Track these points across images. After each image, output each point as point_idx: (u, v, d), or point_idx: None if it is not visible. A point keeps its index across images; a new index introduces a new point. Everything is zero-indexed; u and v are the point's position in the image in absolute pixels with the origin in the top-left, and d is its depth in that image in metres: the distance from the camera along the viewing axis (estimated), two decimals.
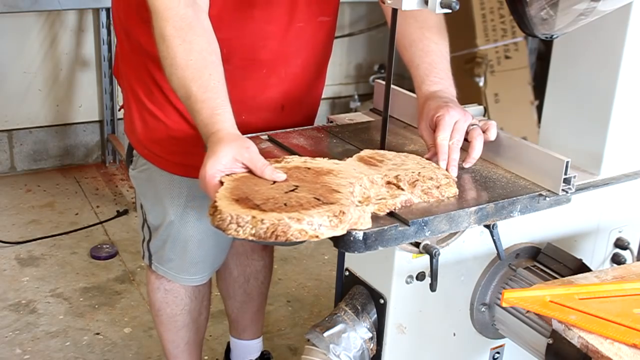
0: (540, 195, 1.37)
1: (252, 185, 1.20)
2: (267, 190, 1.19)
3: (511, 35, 3.89)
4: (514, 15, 1.38)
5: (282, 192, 1.18)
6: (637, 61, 1.50)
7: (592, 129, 1.56)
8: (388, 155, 1.39)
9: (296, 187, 1.21)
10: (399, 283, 1.40)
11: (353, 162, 1.35)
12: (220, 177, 1.22)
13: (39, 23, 3.63)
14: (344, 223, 1.13)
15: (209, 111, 1.30)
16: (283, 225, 1.10)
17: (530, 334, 1.41)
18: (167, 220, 1.76)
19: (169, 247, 1.79)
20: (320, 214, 1.12)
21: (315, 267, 3.07)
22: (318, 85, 1.79)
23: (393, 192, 1.26)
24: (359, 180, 1.26)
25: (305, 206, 1.14)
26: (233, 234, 1.13)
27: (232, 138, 1.26)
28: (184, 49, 1.33)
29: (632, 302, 1.23)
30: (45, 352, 2.47)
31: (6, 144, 3.77)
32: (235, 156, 1.23)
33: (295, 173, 1.26)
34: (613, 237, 1.66)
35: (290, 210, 1.12)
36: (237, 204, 1.14)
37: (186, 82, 1.32)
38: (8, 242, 3.11)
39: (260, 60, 1.61)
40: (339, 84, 4.41)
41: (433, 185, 1.29)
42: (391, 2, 1.31)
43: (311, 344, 1.44)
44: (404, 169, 1.32)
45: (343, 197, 1.18)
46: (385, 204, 1.22)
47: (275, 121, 1.66)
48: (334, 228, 1.12)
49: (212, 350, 2.49)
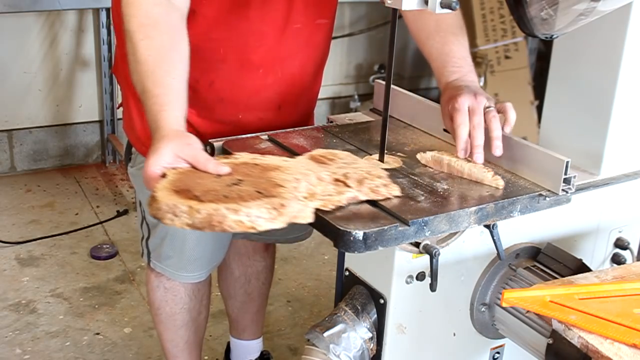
0: (540, 195, 1.37)
1: (196, 178, 1.21)
2: (210, 183, 1.20)
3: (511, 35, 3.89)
4: (514, 16, 1.38)
5: (224, 185, 1.19)
6: (637, 61, 1.50)
7: (592, 129, 1.56)
8: (340, 155, 1.41)
9: (240, 181, 1.22)
10: (399, 283, 1.40)
11: (303, 160, 1.36)
12: (165, 171, 1.22)
13: (39, 23, 3.63)
14: (283, 216, 1.14)
15: (157, 107, 1.30)
16: (219, 215, 1.11)
17: (530, 334, 1.41)
18: None
19: (167, 244, 1.79)
20: (258, 205, 1.13)
21: (315, 267, 3.07)
22: (315, 85, 1.80)
23: (340, 189, 1.26)
24: (306, 176, 1.26)
25: (245, 198, 1.15)
26: (169, 224, 1.13)
27: (174, 135, 1.26)
28: (144, 45, 1.34)
29: (632, 302, 1.23)
30: (45, 352, 2.47)
31: (6, 144, 3.77)
32: (176, 152, 1.24)
33: (243, 168, 1.27)
34: (613, 237, 1.66)
35: (229, 201, 1.13)
36: (176, 195, 1.15)
37: (142, 77, 1.33)
38: (8, 242, 3.11)
39: (256, 60, 1.61)
40: (339, 84, 4.41)
41: (381, 184, 1.29)
42: (391, 2, 1.31)
43: (311, 344, 1.44)
44: (353, 168, 1.33)
45: (286, 192, 1.19)
46: (331, 200, 1.23)
47: (272, 120, 1.66)
48: (271, 220, 1.13)
49: (212, 350, 2.49)
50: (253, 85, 1.63)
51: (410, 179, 1.39)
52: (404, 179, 1.39)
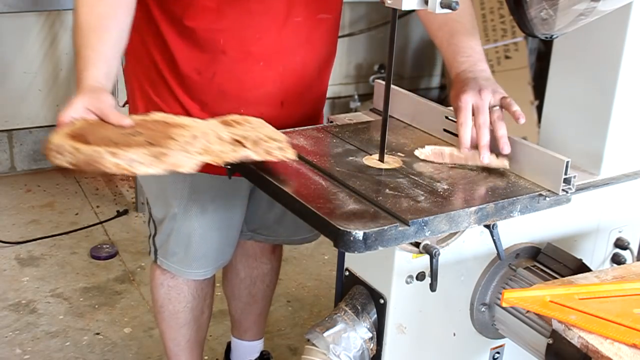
0: (540, 195, 1.37)
1: (100, 128, 1.30)
2: (109, 133, 1.28)
3: (511, 35, 3.89)
4: (514, 16, 1.38)
5: (120, 135, 1.27)
6: (637, 61, 1.50)
7: (592, 129, 1.56)
8: (251, 121, 1.44)
9: (139, 133, 1.29)
10: (399, 283, 1.40)
11: (213, 122, 1.41)
12: (74, 120, 1.31)
13: (39, 23, 3.63)
14: (163, 164, 1.22)
15: (82, 67, 1.40)
16: (99, 156, 1.19)
17: (530, 334, 1.41)
18: (171, 212, 1.77)
19: (173, 241, 1.80)
20: (138, 151, 1.21)
21: (315, 267, 3.07)
22: (320, 84, 1.79)
23: (235, 149, 1.32)
24: (206, 135, 1.32)
25: (131, 145, 1.22)
26: (54, 162, 1.22)
27: (88, 89, 1.36)
28: (84, 11, 1.45)
29: (632, 302, 1.23)
30: (45, 352, 2.47)
31: (6, 144, 3.77)
32: (86, 105, 1.33)
33: (150, 124, 1.34)
34: (613, 237, 1.66)
35: (114, 146, 1.21)
36: (69, 139, 1.23)
37: (77, 40, 1.44)
38: (8, 242, 3.11)
39: (256, 53, 1.61)
40: (339, 84, 4.41)
41: (277, 147, 1.35)
42: (391, 2, 1.31)
43: (311, 344, 1.44)
44: (257, 132, 1.38)
45: (175, 144, 1.25)
46: (222, 156, 1.30)
47: (275, 117, 1.66)
48: (149, 166, 1.21)
49: (212, 350, 2.49)
50: (254, 79, 1.64)
51: (410, 179, 1.39)
52: (404, 179, 1.39)
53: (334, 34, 1.76)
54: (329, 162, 1.45)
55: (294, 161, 1.44)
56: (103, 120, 1.33)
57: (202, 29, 1.58)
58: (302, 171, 1.41)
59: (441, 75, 4.72)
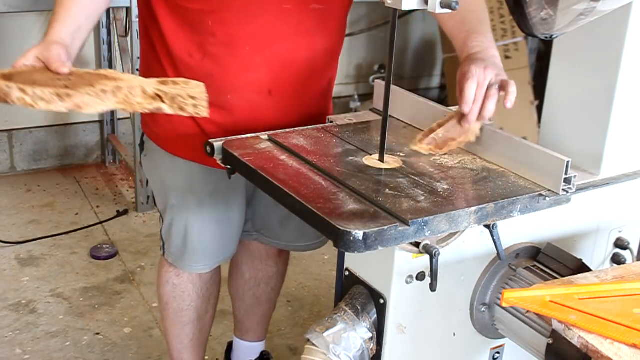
0: (540, 195, 1.37)
1: (37, 73, 1.41)
2: (40, 77, 1.39)
3: (511, 35, 3.89)
4: (514, 15, 1.38)
5: (47, 79, 1.38)
6: (637, 61, 1.50)
7: (592, 129, 1.56)
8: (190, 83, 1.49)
9: (69, 80, 1.39)
10: (399, 283, 1.40)
11: (151, 80, 1.46)
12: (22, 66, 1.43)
13: (39, 23, 3.63)
14: (65, 102, 1.33)
15: (52, 23, 1.53)
16: (8, 91, 1.32)
17: (530, 334, 1.41)
18: (169, 203, 1.80)
19: (174, 232, 1.82)
20: (45, 90, 1.32)
21: (315, 267, 3.07)
22: (318, 78, 1.76)
23: (152, 101, 1.41)
24: (133, 89, 1.40)
25: (46, 86, 1.33)
26: None
27: (45, 42, 1.48)
28: None
29: (632, 302, 1.23)
30: (45, 352, 2.47)
31: (6, 144, 3.77)
32: (36, 54, 1.44)
33: (87, 76, 1.44)
34: (613, 237, 1.66)
35: (27, 85, 1.33)
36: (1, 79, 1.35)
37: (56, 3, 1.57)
38: (8, 242, 3.11)
39: (243, 37, 1.62)
40: (339, 84, 4.41)
41: (191, 104, 1.42)
42: (391, 2, 1.31)
43: (311, 344, 1.44)
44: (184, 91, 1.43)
45: (89, 90, 1.35)
46: (135, 106, 1.39)
47: (263, 106, 1.67)
48: (50, 102, 1.32)
49: (213, 350, 2.49)
50: (240, 63, 1.64)
51: (410, 179, 1.39)
52: (404, 179, 1.39)
53: (332, 27, 1.74)
54: (329, 162, 1.45)
55: (294, 161, 1.44)
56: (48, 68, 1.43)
57: (193, 10, 1.61)
58: (302, 171, 1.41)
59: (441, 75, 4.72)
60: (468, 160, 1.50)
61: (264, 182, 1.38)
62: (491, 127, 1.52)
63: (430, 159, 1.49)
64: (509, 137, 1.46)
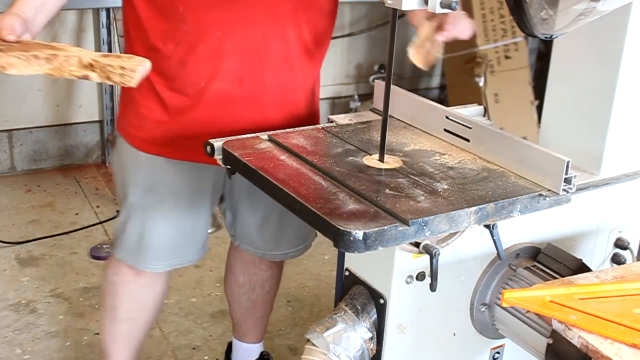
0: (540, 195, 1.37)
1: None
2: None
3: (511, 35, 3.89)
4: (514, 16, 1.38)
5: None
6: (637, 61, 1.50)
7: (592, 129, 1.56)
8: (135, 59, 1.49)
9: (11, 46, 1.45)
10: (399, 283, 1.40)
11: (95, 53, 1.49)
12: None
13: None
14: None
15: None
16: None
17: (530, 334, 1.41)
18: (128, 201, 1.80)
19: (128, 230, 1.81)
20: None
21: (315, 267, 3.07)
22: (294, 76, 1.73)
23: (82, 70, 1.46)
24: (70, 58, 1.45)
25: None
26: None
27: (5, 13, 1.52)
28: None
29: (632, 302, 1.23)
30: (45, 352, 2.47)
31: (6, 144, 3.77)
32: None
33: (34, 45, 1.48)
34: (613, 237, 1.66)
35: None
36: None
37: None
38: (8, 242, 3.11)
39: (213, 22, 1.61)
40: (339, 84, 4.41)
41: (119, 74, 1.44)
42: (391, 2, 1.31)
43: (311, 344, 1.44)
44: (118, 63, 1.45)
45: (22, 54, 1.41)
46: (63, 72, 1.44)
47: (236, 95, 1.66)
48: None
49: (212, 350, 2.49)
50: (211, 49, 1.63)
51: (410, 179, 1.39)
52: (404, 179, 1.39)
53: (311, 20, 1.70)
54: (329, 162, 1.45)
55: (294, 161, 1.44)
56: None
57: None
58: (302, 171, 1.41)
59: (441, 75, 4.72)
60: (468, 160, 1.50)
61: (264, 182, 1.38)
62: (491, 127, 1.52)
63: (430, 159, 1.49)
64: (509, 137, 1.46)
